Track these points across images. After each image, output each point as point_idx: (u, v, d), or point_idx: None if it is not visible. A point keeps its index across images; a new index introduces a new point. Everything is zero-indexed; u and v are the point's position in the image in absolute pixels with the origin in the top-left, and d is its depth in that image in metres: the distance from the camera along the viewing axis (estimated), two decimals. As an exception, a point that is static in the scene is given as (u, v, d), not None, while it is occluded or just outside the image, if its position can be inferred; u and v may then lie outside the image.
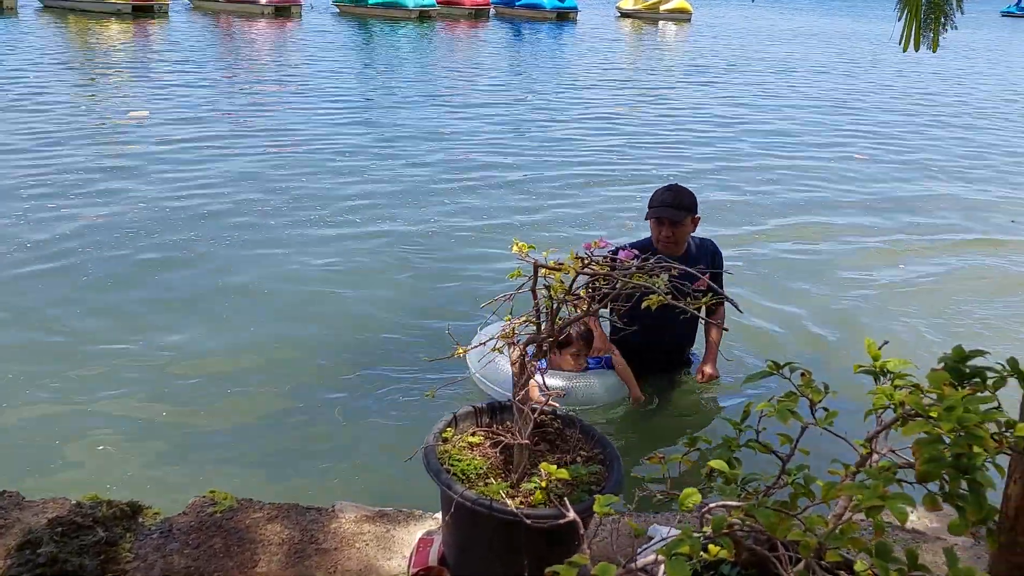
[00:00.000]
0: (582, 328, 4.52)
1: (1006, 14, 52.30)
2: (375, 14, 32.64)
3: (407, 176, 9.65)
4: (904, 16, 3.87)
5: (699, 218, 4.65)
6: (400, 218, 8.06)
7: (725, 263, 4.82)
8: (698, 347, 5.04)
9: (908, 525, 3.04)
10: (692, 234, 4.74)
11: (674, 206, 4.52)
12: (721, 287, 4.84)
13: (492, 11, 36.53)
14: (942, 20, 3.93)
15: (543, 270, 2.52)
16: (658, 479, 2.14)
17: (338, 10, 33.66)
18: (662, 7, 38.41)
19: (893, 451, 2.03)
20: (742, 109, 15.87)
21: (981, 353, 1.90)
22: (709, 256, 4.78)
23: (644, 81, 19.53)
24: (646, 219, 4.63)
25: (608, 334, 4.86)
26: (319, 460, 4.06)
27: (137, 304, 5.83)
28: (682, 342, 5.01)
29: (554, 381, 4.38)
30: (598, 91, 17.32)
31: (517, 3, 36.72)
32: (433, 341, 5.21)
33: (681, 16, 38.36)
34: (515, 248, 2.57)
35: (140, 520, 2.86)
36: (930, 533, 3.07)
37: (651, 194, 4.62)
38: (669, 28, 35.60)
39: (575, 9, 36.74)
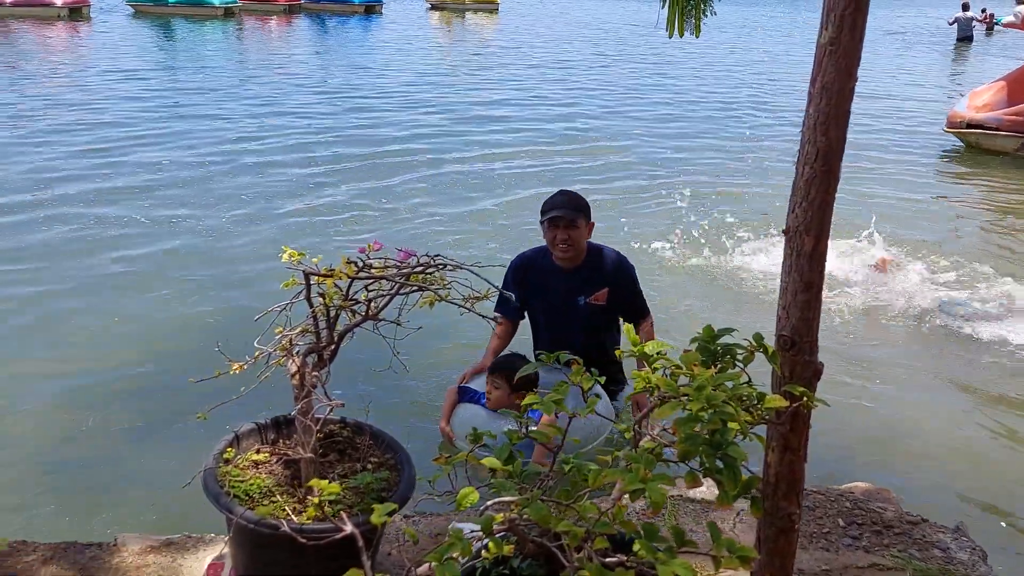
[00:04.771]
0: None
1: None
2: (177, 12, 31.00)
3: (219, 182, 9.34)
4: (667, 3, 4.02)
5: (593, 224, 4.45)
6: (199, 230, 7.71)
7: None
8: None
9: (697, 495, 3.17)
10: (609, 250, 4.56)
11: (568, 207, 4.31)
12: (636, 303, 4.57)
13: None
14: (703, 6, 4.12)
15: (315, 277, 2.45)
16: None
17: (133, 10, 31.64)
18: (469, -1, 38.67)
19: (666, 430, 2.09)
20: (537, 94, 16.57)
21: (730, 331, 1.98)
22: (613, 271, 4.49)
23: (448, 71, 19.74)
24: (541, 223, 4.38)
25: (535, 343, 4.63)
26: (99, 493, 3.81)
27: None
28: (588, 352, 4.18)
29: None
30: (404, 82, 17.27)
31: (321, -3, 35.95)
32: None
33: (488, 7, 38.65)
34: (284, 256, 2.49)
35: None
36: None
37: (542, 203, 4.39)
38: (476, 19, 35.79)
39: (380, 2, 36.38)
